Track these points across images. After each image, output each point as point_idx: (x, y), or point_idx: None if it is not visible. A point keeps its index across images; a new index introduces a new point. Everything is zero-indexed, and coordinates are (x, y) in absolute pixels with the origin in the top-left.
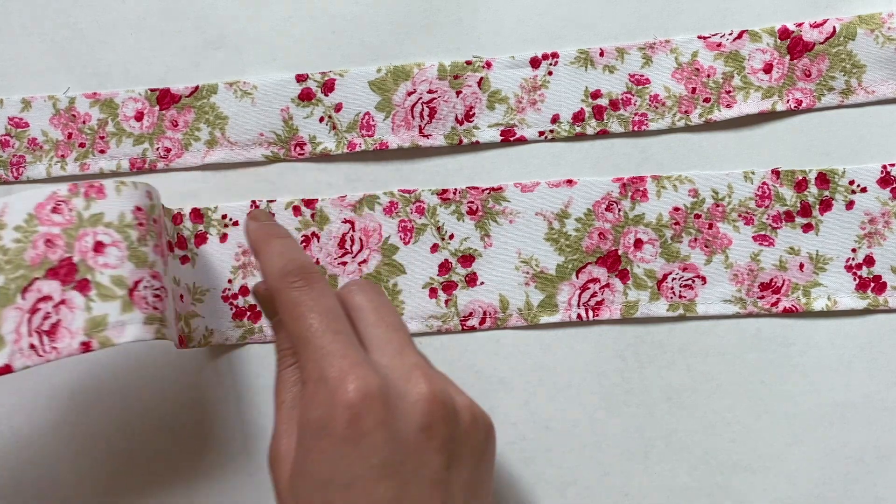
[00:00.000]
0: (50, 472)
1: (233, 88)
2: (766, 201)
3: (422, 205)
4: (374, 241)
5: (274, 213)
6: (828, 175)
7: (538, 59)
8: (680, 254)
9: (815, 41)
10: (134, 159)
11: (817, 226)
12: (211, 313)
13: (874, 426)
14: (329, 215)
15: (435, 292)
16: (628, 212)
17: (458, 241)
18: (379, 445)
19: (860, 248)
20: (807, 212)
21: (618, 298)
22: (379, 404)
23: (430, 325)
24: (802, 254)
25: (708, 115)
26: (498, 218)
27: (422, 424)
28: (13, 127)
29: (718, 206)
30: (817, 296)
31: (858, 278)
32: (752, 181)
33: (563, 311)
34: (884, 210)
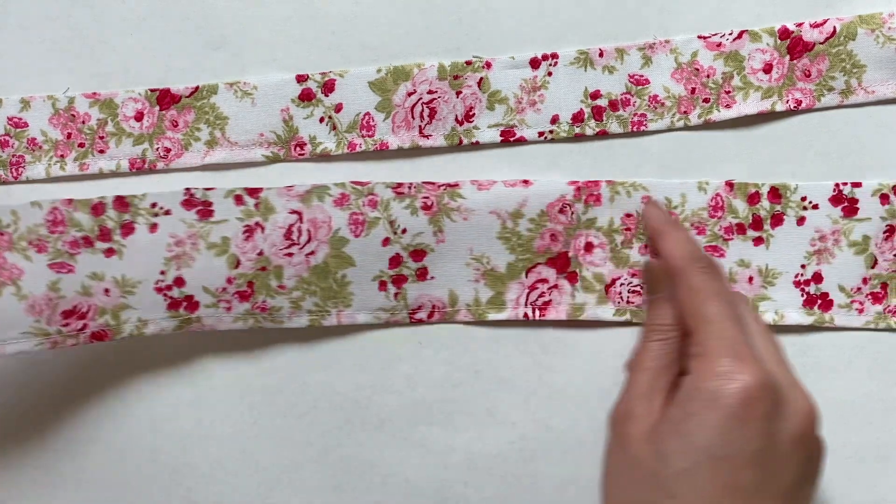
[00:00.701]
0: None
1: (233, 89)
2: (718, 212)
3: (375, 198)
4: (324, 233)
5: (211, 201)
6: (780, 190)
7: (538, 59)
8: (629, 259)
9: (815, 41)
10: (133, 159)
11: (768, 240)
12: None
13: (874, 426)
14: (275, 205)
15: (385, 285)
16: (581, 215)
17: (411, 235)
18: (759, 435)
19: (809, 265)
20: (758, 225)
21: (565, 300)
22: (770, 399)
23: (378, 316)
24: (752, 267)
25: (707, 115)
26: (452, 214)
27: (797, 435)
28: (12, 127)
29: (671, 215)
30: (765, 309)
31: (806, 294)
32: (706, 191)
33: (511, 309)
34: (834, 228)
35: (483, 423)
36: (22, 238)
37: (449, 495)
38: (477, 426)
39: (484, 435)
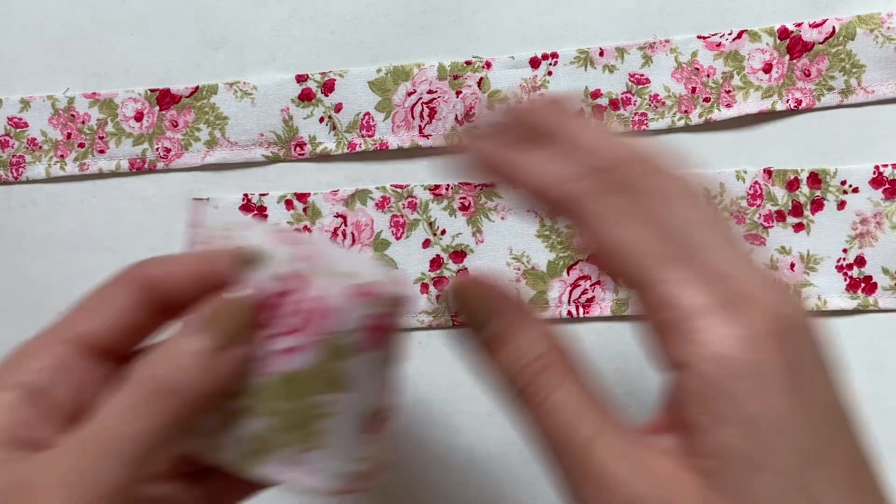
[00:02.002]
0: None
1: (233, 89)
2: (757, 200)
3: (414, 200)
4: (367, 236)
5: (266, 206)
6: (819, 175)
7: (538, 59)
8: None
9: (815, 41)
10: (133, 159)
11: (808, 226)
12: None
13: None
14: (321, 209)
15: (426, 287)
16: None
17: (450, 236)
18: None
19: (851, 249)
20: (798, 211)
21: (608, 296)
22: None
23: (420, 320)
24: (794, 253)
25: (708, 114)
26: (490, 214)
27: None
28: (12, 127)
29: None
30: (808, 296)
31: (849, 278)
32: (744, 180)
33: (554, 308)
34: (876, 210)
35: (483, 423)
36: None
37: (449, 495)
38: (477, 426)
39: (484, 435)
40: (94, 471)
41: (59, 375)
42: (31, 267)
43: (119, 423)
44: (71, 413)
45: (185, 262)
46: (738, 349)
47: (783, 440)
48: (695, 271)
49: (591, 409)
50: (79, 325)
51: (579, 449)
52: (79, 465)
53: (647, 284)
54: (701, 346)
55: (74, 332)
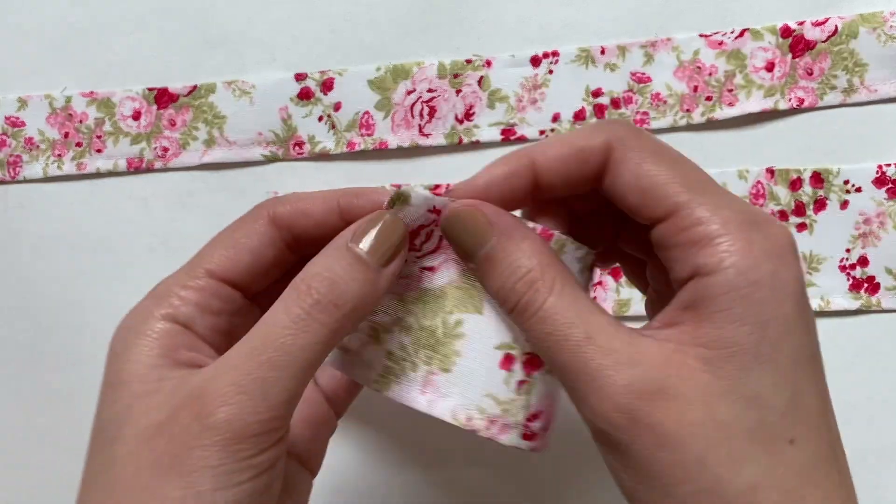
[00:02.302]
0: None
1: (231, 87)
2: (760, 200)
3: None
4: None
5: None
6: (822, 174)
7: (539, 57)
8: None
9: (817, 40)
10: (131, 159)
11: (811, 225)
12: None
13: (875, 427)
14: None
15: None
16: None
17: None
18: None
19: (854, 249)
20: (801, 211)
21: (610, 296)
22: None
23: (482, 408)
24: None
25: (710, 113)
26: None
27: None
28: (10, 126)
29: None
30: (810, 296)
31: (852, 279)
32: (747, 180)
33: None
34: (879, 210)
35: None
36: None
37: (451, 495)
38: None
39: None
40: (268, 380)
41: (200, 307)
42: (28, 266)
43: (289, 334)
44: (211, 341)
45: (317, 199)
46: (761, 259)
47: (786, 340)
48: (718, 199)
49: (584, 311)
50: (216, 261)
51: (575, 347)
52: (253, 375)
53: (681, 206)
54: (730, 255)
55: (212, 267)
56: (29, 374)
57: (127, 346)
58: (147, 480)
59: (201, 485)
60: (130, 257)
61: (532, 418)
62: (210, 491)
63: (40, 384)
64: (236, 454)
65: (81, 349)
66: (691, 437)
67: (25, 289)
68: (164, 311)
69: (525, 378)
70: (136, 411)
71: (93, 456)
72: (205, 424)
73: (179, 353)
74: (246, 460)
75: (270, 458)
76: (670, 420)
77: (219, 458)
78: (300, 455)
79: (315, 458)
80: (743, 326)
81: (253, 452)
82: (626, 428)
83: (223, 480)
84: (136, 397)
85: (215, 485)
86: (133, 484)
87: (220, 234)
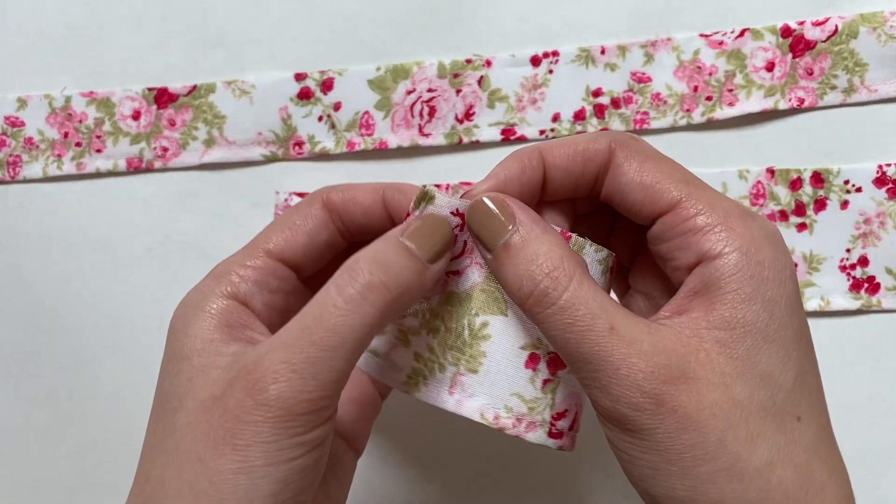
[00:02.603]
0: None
1: (231, 87)
2: (760, 200)
3: None
4: None
5: None
6: (822, 174)
7: (539, 57)
8: None
9: (818, 39)
10: (131, 159)
11: (812, 225)
12: None
13: (876, 427)
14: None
15: (535, 361)
16: None
17: None
18: None
19: (854, 249)
20: (801, 211)
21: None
22: None
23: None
24: (797, 253)
25: (710, 113)
26: None
27: None
28: (9, 126)
29: None
30: (811, 296)
31: (852, 279)
32: (747, 180)
33: None
34: (879, 210)
35: None
36: None
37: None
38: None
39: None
40: (319, 360)
41: (258, 285)
42: (27, 266)
43: (340, 314)
44: (267, 319)
45: (366, 189)
46: (762, 243)
47: (790, 320)
48: (714, 194)
49: (606, 302)
50: (274, 241)
51: (599, 337)
52: (304, 354)
53: (683, 198)
54: (737, 238)
55: (270, 247)
56: (29, 374)
57: (188, 323)
58: (202, 452)
59: (254, 460)
60: (130, 257)
61: (558, 417)
62: (262, 466)
63: (40, 384)
64: (287, 431)
65: (81, 349)
66: (712, 418)
67: (25, 289)
68: (224, 288)
69: (549, 377)
70: (195, 384)
71: (155, 424)
72: (257, 400)
73: (237, 328)
74: (296, 437)
75: (320, 436)
76: (692, 403)
77: (271, 434)
78: (346, 435)
79: (360, 438)
80: (753, 305)
81: (303, 430)
82: (651, 412)
83: (275, 456)
84: (197, 371)
85: (267, 460)
86: (190, 453)
87: (277, 218)
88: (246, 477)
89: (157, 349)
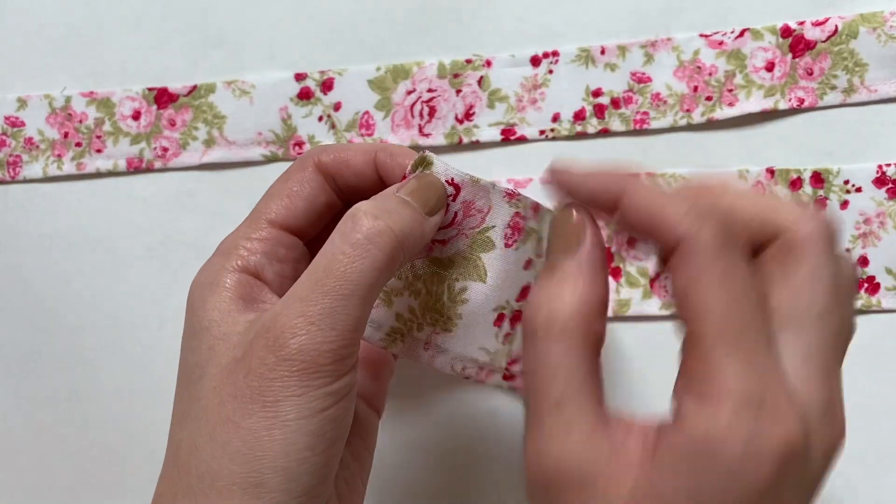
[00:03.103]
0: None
1: (231, 87)
2: None
3: (539, 205)
4: (472, 224)
5: None
6: (822, 174)
7: (538, 57)
8: None
9: (817, 39)
10: (131, 159)
11: None
12: None
13: (876, 427)
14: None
15: (501, 319)
16: None
17: None
18: None
19: (854, 249)
20: None
21: (610, 296)
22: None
23: (476, 358)
24: None
25: (710, 113)
26: None
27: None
28: (9, 126)
29: None
30: None
31: None
32: (747, 180)
33: None
34: (879, 210)
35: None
36: None
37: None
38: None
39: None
40: (335, 309)
41: (267, 255)
42: (28, 267)
43: (349, 261)
44: (279, 289)
45: (357, 151)
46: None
47: None
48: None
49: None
50: (274, 210)
51: (542, 401)
52: (320, 305)
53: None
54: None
55: (272, 217)
56: (29, 374)
57: (204, 299)
58: (231, 413)
59: (285, 414)
60: (130, 257)
61: (512, 363)
62: (294, 420)
63: (40, 384)
64: (315, 382)
65: (81, 349)
66: None
67: (25, 289)
68: (234, 262)
69: (510, 331)
70: (217, 352)
71: (180, 395)
72: (280, 356)
73: (253, 299)
74: (324, 388)
75: (347, 385)
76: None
77: (298, 387)
78: (365, 395)
79: (379, 397)
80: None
81: (330, 379)
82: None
83: (306, 409)
84: (217, 339)
85: (299, 414)
86: (220, 416)
87: (272, 186)
88: (280, 432)
89: (157, 349)
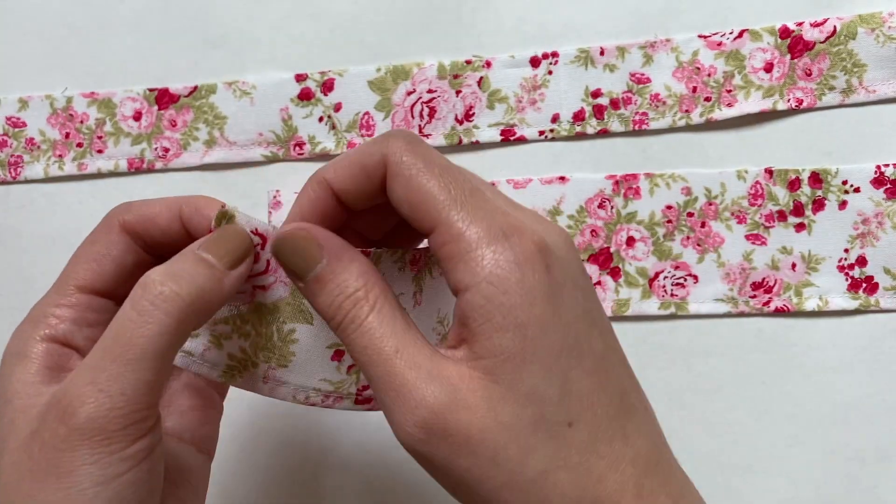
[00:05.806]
0: None
1: (232, 88)
2: (758, 200)
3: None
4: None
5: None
6: (821, 175)
7: (538, 58)
8: (672, 252)
9: (816, 40)
10: (132, 159)
11: (810, 225)
12: None
13: (875, 427)
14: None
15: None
16: (621, 209)
17: None
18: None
19: (853, 249)
20: (799, 211)
21: (609, 296)
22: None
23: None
24: (795, 253)
25: (709, 114)
26: None
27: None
28: (11, 127)
29: (711, 205)
30: (809, 295)
31: (850, 278)
32: (746, 180)
33: None
34: (877, 210)
35: None
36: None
37: None
38: None
39: None
40: (123, 375)
41: (76, 322)
42: (28, 267)
43: (135, 327)
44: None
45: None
46: (508, 270)
47: (544, 339)
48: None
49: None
50: (82, 275)
51: (385, 361)
52: (108, 372)
53: (441, 221)
54: (481, 270)
55: (80, 282)
56: None
57: (11, 370)
58: (28, 487)
59: (79, 484)
60: None
61: (363, 389)
62: (90, 488)
63: None
64: (107, 449)
65: None
66: (482, 443)
67: (26, 289)
68: (42, 331)
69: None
70: (17, 425)
71: None
72: (70, 427)
73: (61, 368)
74: (117, 454)
75: (144, 448)
76: (461, 430)
77: (90, 455)
78: (193, 440)
79: (209, 441)
80: (506, 333)
81: (124, 444)
82: (424, 441)
83: (100, 476)
84: (18, 412)
85: (93, 482)
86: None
87: (79, 249)
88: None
89: None
